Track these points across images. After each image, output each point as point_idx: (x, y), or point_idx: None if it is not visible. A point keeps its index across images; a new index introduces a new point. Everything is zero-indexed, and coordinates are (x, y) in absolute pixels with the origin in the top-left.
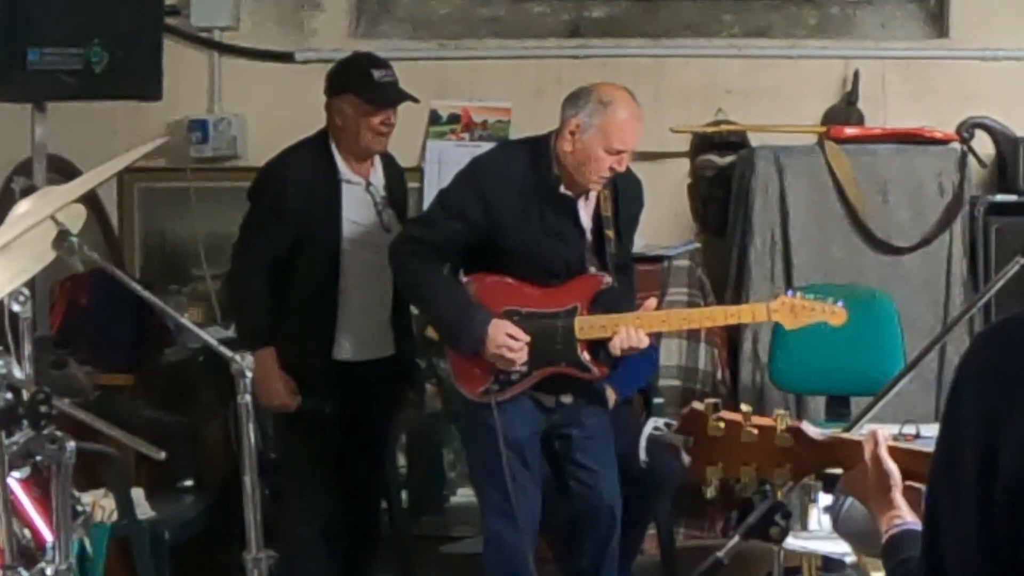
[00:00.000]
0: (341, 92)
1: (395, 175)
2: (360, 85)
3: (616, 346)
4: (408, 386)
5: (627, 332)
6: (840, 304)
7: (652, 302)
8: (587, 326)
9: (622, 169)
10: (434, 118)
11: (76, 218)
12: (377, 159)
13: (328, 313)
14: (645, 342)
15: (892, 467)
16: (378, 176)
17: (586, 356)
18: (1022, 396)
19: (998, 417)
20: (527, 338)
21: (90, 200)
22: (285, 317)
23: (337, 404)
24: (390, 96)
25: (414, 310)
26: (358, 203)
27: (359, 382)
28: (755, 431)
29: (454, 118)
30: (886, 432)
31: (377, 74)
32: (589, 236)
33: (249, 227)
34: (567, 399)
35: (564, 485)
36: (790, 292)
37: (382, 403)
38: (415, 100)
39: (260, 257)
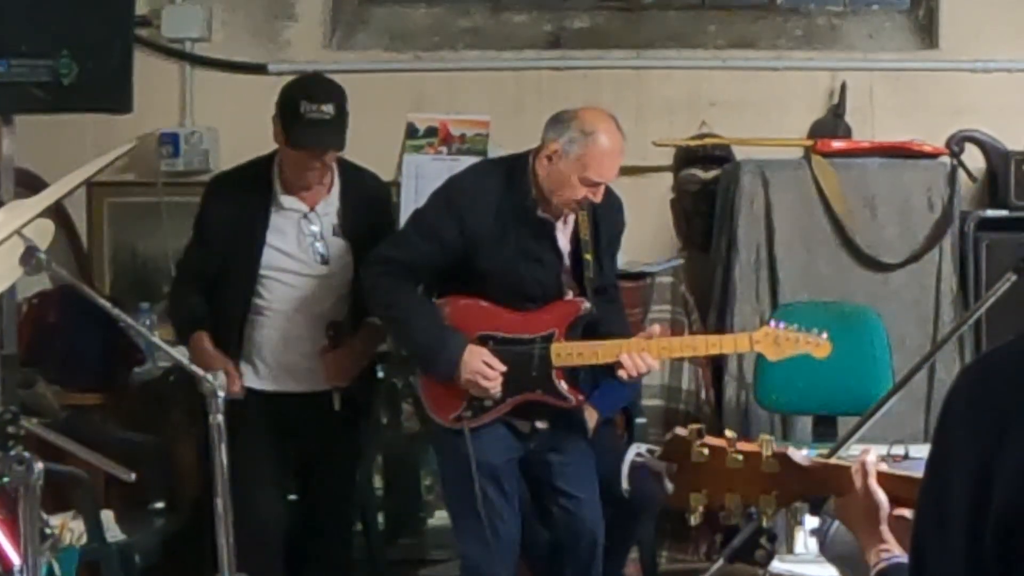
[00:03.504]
0: (277, 113)
1: (361, 197)
2: (285, 114)
3: (623, 375)
4: (360, 417)
5: (630, 358)
6: (825, 336)
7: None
8: (564, 353)
9: (597, 200)
10: (411, 131)
11: (44, 234)
12: (336, 183)
13: (234, 339)
14: (654, 366)
15: (882, 499)
16: (331, 202)
17: (563, 384)
18: (1012, 427)
19: (988, 451)
20: (503, 367)
21: (59, 215)
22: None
23: (269, 436)
24: (305, 138)
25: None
26: (291, 231)
27: (286, 416)
28: (740, 457)
29: (431, 131)
30: (874, 457)
31: (305, 107)
32: (567, 260)
33: (185, 249)
34: (542, 425)
35: (545, 511)
36: (773, 323)
37: (325, 438)
38: (338, 148)
39: (188, 280)
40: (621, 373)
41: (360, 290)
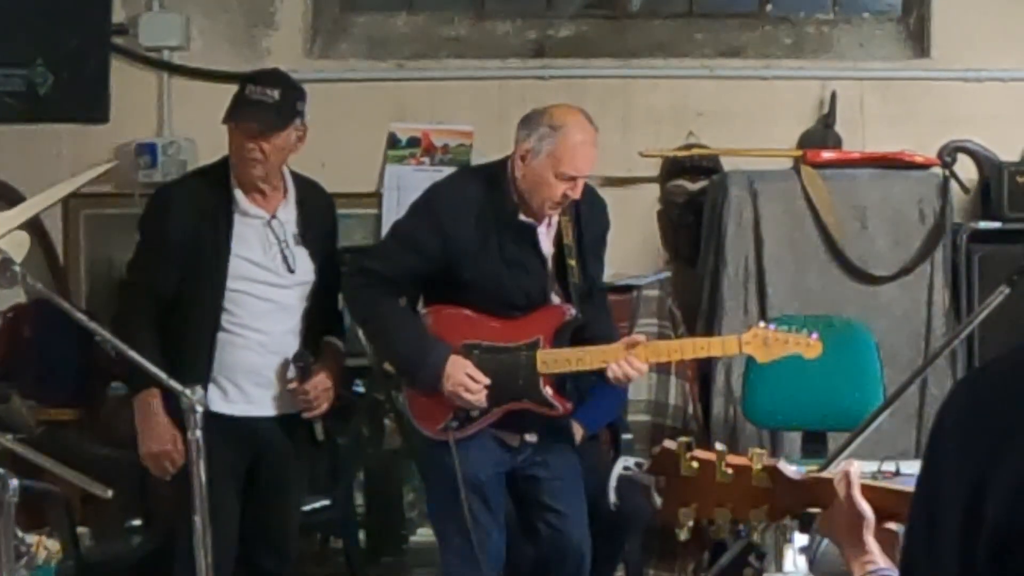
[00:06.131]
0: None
1: (316, 208)
2: (232, 100)
3: (611, 379)
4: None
5: (618, 364)
6: (815, 336)
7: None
8: (550, 360)
9: (576, 196)
10: (393, 142)
11: (20, 246)
12: (291, 191)
13: (203, 357)
14: (642, 369)
15: (865, 508)
16: (289, 210)
17: (549, 391)
18: (1006, 444)
19: (981, 467)
20: (486, 380)
21: (34, 227)
22: (165, 360)
23: (231, 465)
24: (241, 113)
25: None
26: (256, 239)
27: (259, 441)
28: (730, 471)
29: (414, 142)
30: (857, 469)
31: (250, 89)
32: (551, 265)
33: (134, 264)
34: (532, 438)
35: (531, 527)
36: (762, 324)
37: (288, 462)
38: (274, 128)
39: (144, 297)
40: (610, 376)
41: (317, 306)
